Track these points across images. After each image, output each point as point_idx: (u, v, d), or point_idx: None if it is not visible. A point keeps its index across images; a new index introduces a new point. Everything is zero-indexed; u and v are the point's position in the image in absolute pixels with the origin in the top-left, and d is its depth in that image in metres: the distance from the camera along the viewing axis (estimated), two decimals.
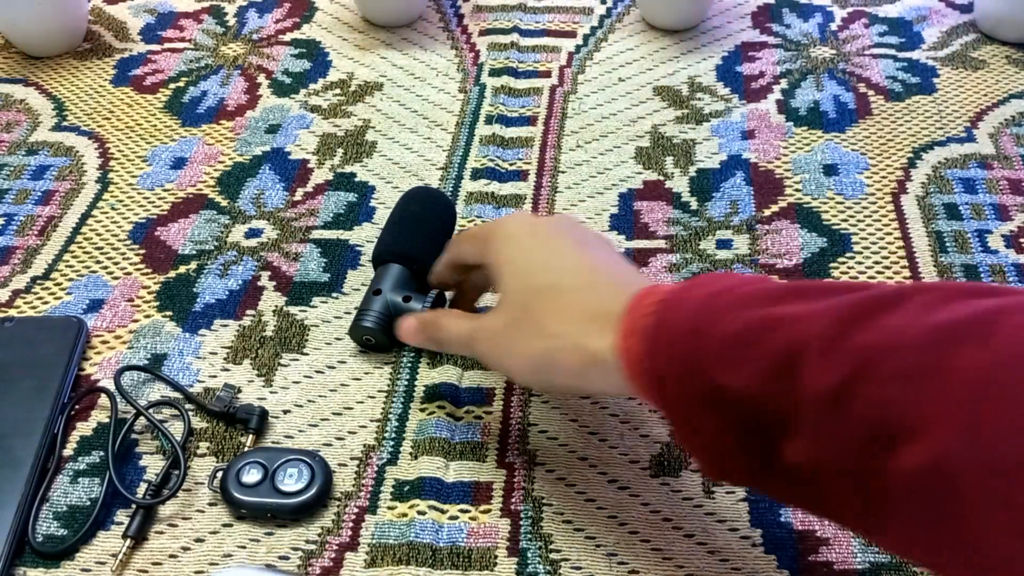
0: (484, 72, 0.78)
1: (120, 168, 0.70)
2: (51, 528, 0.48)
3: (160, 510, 0.48)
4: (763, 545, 0.46)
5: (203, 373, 0.55)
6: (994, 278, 0.59)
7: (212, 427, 0.52)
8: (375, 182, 0.67)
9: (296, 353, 0.56)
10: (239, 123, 0.73)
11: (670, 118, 0.73)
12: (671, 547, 0.46)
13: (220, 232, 0.64)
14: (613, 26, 0.83)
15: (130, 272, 0.61)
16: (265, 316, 0.58)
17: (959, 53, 0.78)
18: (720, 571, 0.45)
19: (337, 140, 0.71)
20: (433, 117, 0.73)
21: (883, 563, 0.45)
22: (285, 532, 0.47)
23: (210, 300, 0.59)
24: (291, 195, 0.67)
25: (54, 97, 0.77)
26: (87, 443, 0.52)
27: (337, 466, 0.50)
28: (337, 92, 0.76)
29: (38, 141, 0.73)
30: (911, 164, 0.68)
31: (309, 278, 0.60)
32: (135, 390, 0.54)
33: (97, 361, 0.56)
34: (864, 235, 0.62)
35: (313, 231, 0.64)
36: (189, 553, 0.47)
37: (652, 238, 0.63)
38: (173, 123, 0.74)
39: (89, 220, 0.65)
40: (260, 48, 0.82)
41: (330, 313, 0.58)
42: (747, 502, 0.48)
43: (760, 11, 0.84)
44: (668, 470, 0.49)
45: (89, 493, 0.49)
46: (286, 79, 0.78)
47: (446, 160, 0.69)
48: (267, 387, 0.54)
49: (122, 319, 0.58)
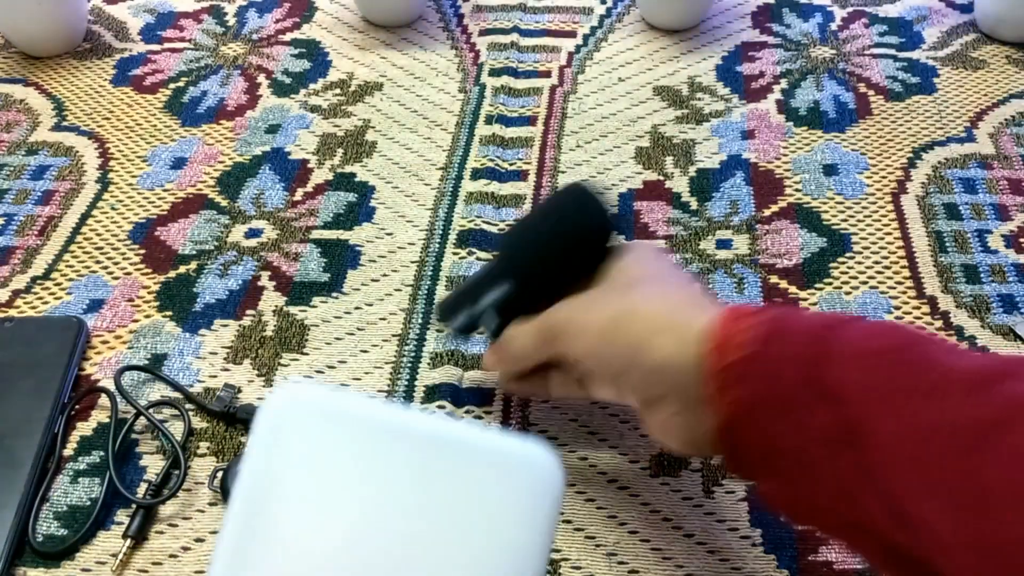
0: (484, 72, 0.78)
1: (120, 168, 0.70)
2: (51, 528, 0.48)
3: (160, 510, 0.48)
4: (763, 545, 0.46)
5: (203, 373, 0.55)
6: (994, 278, 0.59)
7: (212, 427, 0.52)
8: (375, 182, 0.67)
9: (296, 353, 0.56)
10: (239, 123, 0.73)
11: (670, 118, 0.73)
12: (671, 547, 0.46)
13: (220, 232, 0.64)
14: (613, 26, 0.83)
15: (130, 272, 0.61)
16: (265, 316, 0.58)
17: (959, 53, 0.78)
18: (720, 571, 0.45)
19: (337, 140, 0.71)
20: (433, 117, 0.73)
21: None
22: None
23: (210, 300, 0.59)
24: (291, 195, 0.67)
25: (54, 97, 0.77)
26: (87, 443, 0.52)
27: None
28: (337, 92, 0.76)
29: (38, 141, 0.73)
30: (911, 164, 0.68)
31: (309, 278, 0.60)
32: (135, 390, 0.54)
33: (97, 361, 0.56)
34: (864, 235, 0.62)
35: (313, 231, 0.64)
36: (189, 553, 0.47)
37: (652, 238, 0.63)
38: (173, 123, 0.74)
39: (89, 220, 0.65)
40: (260, 48, 0.82)
41: (330, 313, 0.58)
42: (747, 502, 0.48)
43: (760, 11, 0.84)
44: (668, 470, 0.49)
45: (89, 493, 0.49)
46: (286, 79, 0.78)
47: (446, 160, 0.69)
48: (267, 387, 0.54)
49: (122, 319, 0.58)
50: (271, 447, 0.26)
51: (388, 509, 0.25)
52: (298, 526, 0.25)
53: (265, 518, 0.25)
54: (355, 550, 0.24)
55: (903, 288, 0.59)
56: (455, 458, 0.25)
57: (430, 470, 0.25)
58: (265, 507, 0.25)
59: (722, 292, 0.59)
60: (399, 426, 0.25)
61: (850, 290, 0.58)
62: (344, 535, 0.25)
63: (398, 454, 0.25)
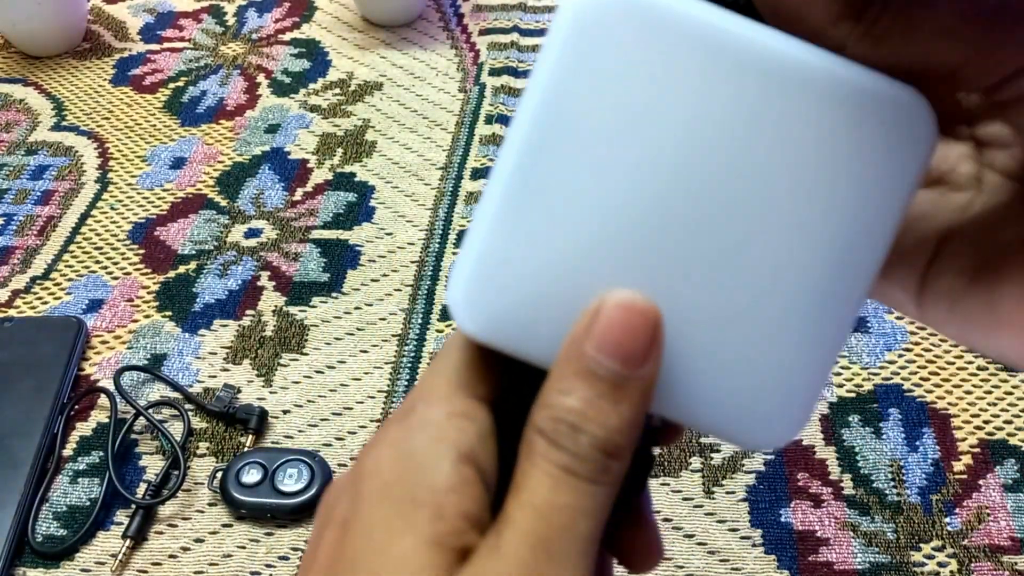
0: (484, 71, 0.78)
1: (119, 168, 0.70)
2: (51, 528, 0.48)
3: (160, 510, 0.48)
4: (763, 545, 0.46)
5: (203, 373, 0.55)
6: None
7: (212, 427, 0.52)
8: (375, 182, 0.67)
9: (296, 353, 0.56)
10: (239, 123, 0.73)
11: None
12: (671, 547, 0.46)
13: (220, 232, 0.64)
14: None
15: (130, 272, 0.61)
16: (265, 316, 0.58)
17: None
18: (720, 571, 0.45)
19: (337, 140, 0.71)
20: (433, 117, 0.73)
21: (883, 563, 0.45)
22: (285, 532, 0.47)
23: (210, 300, 0.59)
24: (291, 195, 0.67)
25: (53, 97, 0.77)
26: (87, 443, 0.52)
27: (337, 466, 0.50)
28: (337, 92, 0.76)
29: (37, 141, 0.73)
30: None
31: (309, 278, 0.60)
32: (135, 390, 0.54)
33: (97, 361, 0.56)
34: None
35: (313, 231, 0.64)
36: (189, 553, 0.46)
37: None
38: (172, 123, 0.74)
39: (88, 220, 0.65)
40: (260, 48, 0.82)
41: (330, 313, 0.58)
42: (747, 502, 0.48)
43: None
44: (668, 470, 0.49)
45: (89, 493, 0.49)
46: (286, 79, 0.78)
47: (446, 160, 0.69)
48: (267, 387, 0.54)
49: (122, 319, 0.58)
50: (579, 48, 0.21)
51: (724, 142, 0.20)
52: (610, 148, 0.20)
53: (564, 137, 0.21)
54: (677, 180, 0.20)
55: None
56: (808, 87, 0.21)
57: (778, 98, 0.21)
58: (565, 123, 0.21)
59: None
60: (744, 40, 0.21)
61: None
62: (665, 163, 0.20)
63: (740, 75, 0.21)
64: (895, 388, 0.53)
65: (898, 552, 0.46)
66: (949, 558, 0.45)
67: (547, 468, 0.18)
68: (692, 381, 0.20)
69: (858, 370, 0.54)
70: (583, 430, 0.18)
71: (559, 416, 0.18)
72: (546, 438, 0.18)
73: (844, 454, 0.50)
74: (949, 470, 0.49)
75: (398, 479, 0.19)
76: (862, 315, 0.57)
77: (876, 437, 0.50)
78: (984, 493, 0.48)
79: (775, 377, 0.21)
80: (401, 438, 0.19)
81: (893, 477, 0.49)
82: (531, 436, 0.18)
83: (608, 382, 0.18)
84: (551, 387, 0.18)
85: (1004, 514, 0.47)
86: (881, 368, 0.54)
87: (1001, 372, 0.53)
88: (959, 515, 0.47)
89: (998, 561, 0.45)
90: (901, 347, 0.55)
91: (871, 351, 0.55)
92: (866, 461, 0.49)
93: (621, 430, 0.18)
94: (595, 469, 0.18)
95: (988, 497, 0.48)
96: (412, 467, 0.19)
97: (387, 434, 0.20)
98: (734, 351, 0.21)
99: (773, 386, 0.21)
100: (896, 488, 0.48)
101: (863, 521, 0.47)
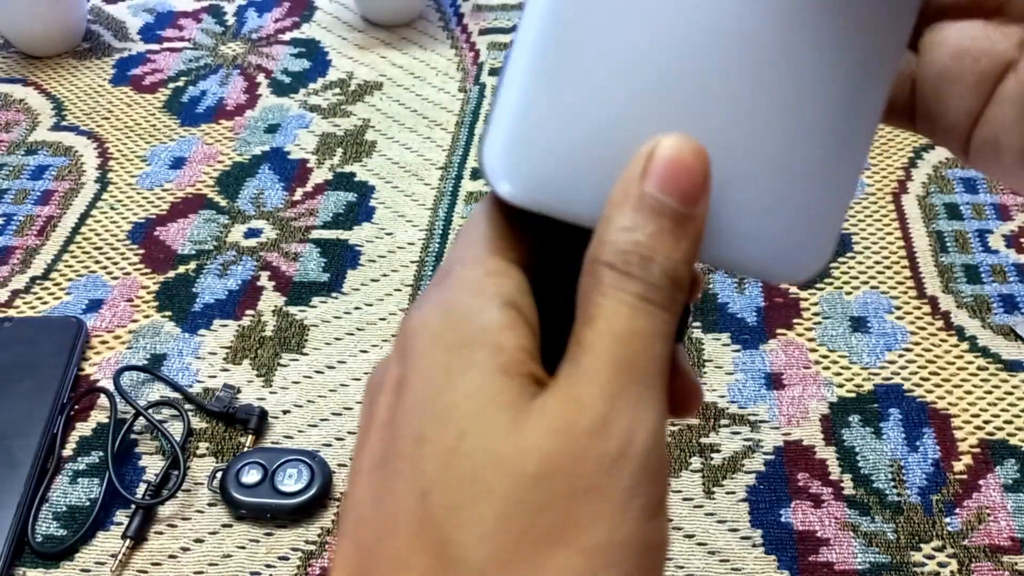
0: (484, 71, 0.78)
1: (119, 168, 0.70)
2: (51, 528, 0.48)
3: (160, 510, 0.48)
4: (763, 545, 0.46)
5: (203, 373, 0.55)
6: (995, 278, 0.59)
7: (212, 427, 0.52)
8: (375, 182, 0.67)
9: (296, 353, 0.56)
10: (238, 123, 0.73)
11: None
12: (671, 547, 0.46)
13: (219, 232, 0.64)
14: None
15: (129, 272, 0.61)
16: (265, 316, 0.58)
17: None
18: (720, 571, 0.45)
19: (337, 140, 0.71)
20: (433, 116, 0.73)
21: (883, 563, 0.45)
22: (285, 532, 0.47)
23: (209, 300, 0.59)
24: (290, 195, 0.67)
25: (53, 97, 0.77)
26: (87, 443, 0.51)
27: (337, 466, 0.50)
28: (337, 92, 0.76)
29: (37, 141, 0.73)
30: (912, 164, 0.68)
31: (308, 278, 0.60)
32: (134, 390, 0.54)
33: (96, 361, 0.56)
34: (865, 235, 0.62)
35: (312, 231, 0.64)
36: (189, 553, 0.46)
37: None
38: (172, 123, 0.74)
39: (88, 220, 0.65)
40: (259, 47, 0.82)
41: (330, 313, 0.58)
42: (747, 502, 0.48)
43: None
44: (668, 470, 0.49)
45: (89, 493, 0.49)
46: (285, 79, 0.78)
47: (446, 160, 0.69)
48: (267, 387, 0.54)
49: (121, 319, 0.58)
50: None
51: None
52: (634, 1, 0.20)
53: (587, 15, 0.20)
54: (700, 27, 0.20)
55: (904, 288, 0.58)
56: None
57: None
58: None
59: (722, 293, 0.59)
60: None
61: (851, 290, 0.58)
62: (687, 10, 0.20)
63: None
64: (895, 388, 0.53)
65: (898, 552, 0.45)
66: (949, 558, 0.45)
67: (622, 297, 0.19)
68: (725, 222, 0.21)
69: (858, 370, 0.54)
70: (654, 260, 0.19)
71: (628, 249, 0.19)
72: (617, 271, 0.19)
73: (844, 454, 0.50)
74: (949, 470, 0.49)
75: (449, 328, 0.19)
76: (862, 315, 0.57)
77: (876, 437, 0.50)
78: (984, 493, 0.48)
79: (802, 210, 0.21)
80: (444, 297, 0.20)
81: (893, 477, 0.49)
82: (598, 270, 0.19)
83: (670, 218, 0.19)
84: (611, 227, 0.19)
85: (1004, 514, 0.47)
86: (881, 368, 0.54)
87: (1001, 372, 0.53)
88: (959, 515, 0.47)
89: (998, 561, 0.45)
90: (901, 347, 0.55)
91: (871, 351, 0.55)
92: (866, 461, 0.49)
93: (685, 262, 0.19)
94: (667, 296, 0.19)
95: (988, 497, 0.48)
96: (460, 315, 0.19)
97: (427, 297, 0.20)
98: (762, 189, 0.21)
99: (801, 219, 0.21)
100: (896, 488, 0.48)
101: (863, 521, 0.47)
